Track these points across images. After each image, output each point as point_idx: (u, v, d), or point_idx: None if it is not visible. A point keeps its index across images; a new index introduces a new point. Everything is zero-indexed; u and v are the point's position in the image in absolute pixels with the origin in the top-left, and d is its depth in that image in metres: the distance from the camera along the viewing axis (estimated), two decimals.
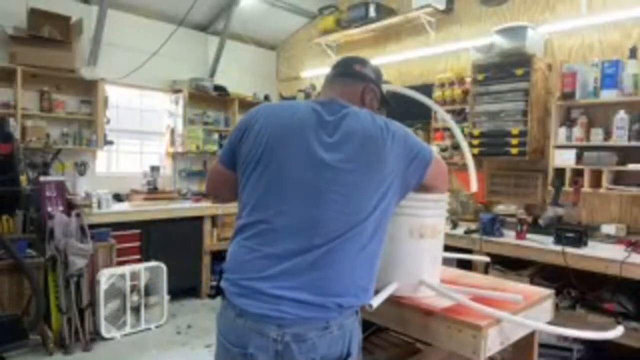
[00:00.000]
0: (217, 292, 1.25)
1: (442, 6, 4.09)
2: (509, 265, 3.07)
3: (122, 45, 4.61)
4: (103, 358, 3.19)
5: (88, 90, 4.42)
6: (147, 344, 3.40)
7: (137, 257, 3.93)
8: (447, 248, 1.67)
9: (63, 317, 3.24)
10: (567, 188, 3.12)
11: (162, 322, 3.74)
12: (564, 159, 3.16)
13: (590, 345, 2.79)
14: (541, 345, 2.51)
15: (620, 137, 2.95)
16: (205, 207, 4.44)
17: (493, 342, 1.28)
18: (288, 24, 5.61)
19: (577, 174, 3.09)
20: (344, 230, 1.12)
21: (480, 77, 3.56)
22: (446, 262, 1.70)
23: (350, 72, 1.42)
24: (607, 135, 3.05)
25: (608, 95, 2.99)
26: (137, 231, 3.98)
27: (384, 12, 4.50)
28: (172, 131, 5.14)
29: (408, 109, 4.34)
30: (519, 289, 1.64)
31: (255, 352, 1.10)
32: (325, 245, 1.11)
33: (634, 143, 2.90)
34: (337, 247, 1.12)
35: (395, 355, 1.92)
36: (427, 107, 4.08)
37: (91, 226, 3.46)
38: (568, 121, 3.27)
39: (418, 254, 1.50)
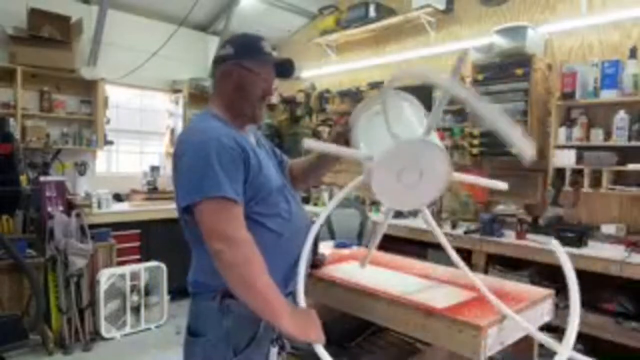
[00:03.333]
0: None
1: (442, 6, 4.09)
2: (509, 265, 3.07)
3: (122, 45, 4.61)
4: (103, 358, 3.20)
5: (88, 90, 4.42)
6: (147, 344, 3.40)
7: (137, 257, 3.93)
8: None
9: (63, 317, 3.24)
10: (567, 188, 3.12)
11: (162, 322, 3.74)
12: (564, 159, 3.16)
13: (590, 345, 2.79)
14: (541, 345, 2.51)
15: (620, 137, 2.95)
16: None
17: (493, 342, 1.28)
18: (288, 24, 5.61)
19: (577, 174, 3.09)
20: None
21: (480, 77, 3.56)
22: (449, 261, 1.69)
23: (214, 60, 1.38)
24: (607, 135, 3.05)
25: (608, 95, 2.99)
26: (137, 231, 3.98)
27: (384, 12, 4.49)
28: (172, 131, 5.14)
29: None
30: (519, 289, 1.64)
31: None
32: None
33: (634, 143, 2.90)
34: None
35: (395, 355, 1.92)
36: (426, 108, 4.12)
37: (91, 226, 3.46)
38: (568, 121, 3.27)
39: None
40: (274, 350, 1.28)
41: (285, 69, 1.41)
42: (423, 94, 4.16)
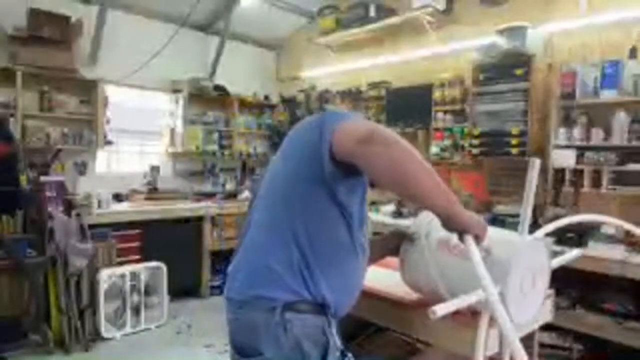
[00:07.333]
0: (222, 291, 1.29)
1: (442, 6, 4.09)
2: None
3: (122, 45, 4.61)
4: (103, 358, 3.19)
5: (88, 90, 4.42)
6: (147, 344, 3.40)
7: (137, 257, 3.92)
8: None
9: (63, 317, 3.24)
10: (567, 188, 3.12)
11: (162, 322, 3.74)
12: (564, 159, 3.16)
13: (590, 345, 2.79)
14: (541, 345, 2.51)
15: (620, 137, 2.95)
16: (205, 207, 4.44)
17: (493, 342, 1.28)
18: (288, 24, 5.61)
19: (577, 174, 3.09)
20: None
21: (480, 77, 3.56)
22: None
23: None
24: (607, 135, 3.05)
25: (608, 95, 2.99)
26: (137, 231, 3.98)
27: (384, 12, 4.50)
28: (172, 131, 5.14)
29: (408, 110, 4.36)
30: None
31: None
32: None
33: (634, 143, 2.90)
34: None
35: (395, 355, 1.92)
36: (426, 108, 4.13)
37: (91, 226, 3.45)
38: (568, 121, 3.27)
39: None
40: None
41: None
42: (423, 94, 4.18)
